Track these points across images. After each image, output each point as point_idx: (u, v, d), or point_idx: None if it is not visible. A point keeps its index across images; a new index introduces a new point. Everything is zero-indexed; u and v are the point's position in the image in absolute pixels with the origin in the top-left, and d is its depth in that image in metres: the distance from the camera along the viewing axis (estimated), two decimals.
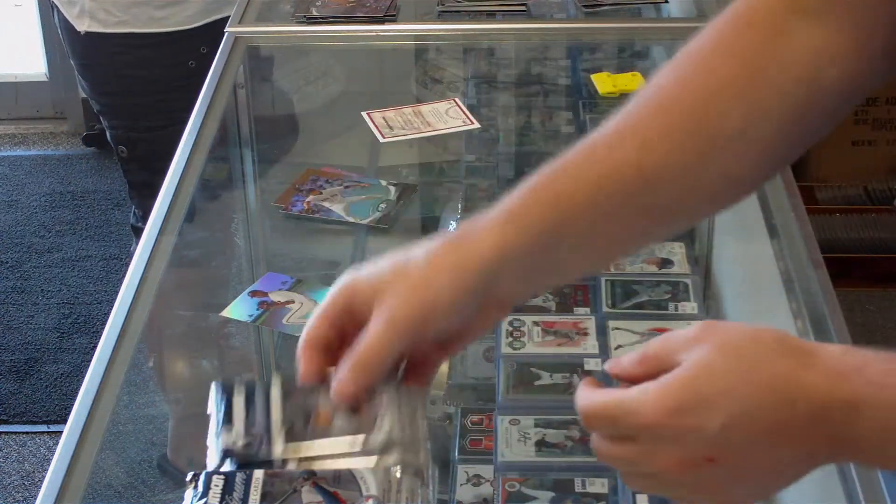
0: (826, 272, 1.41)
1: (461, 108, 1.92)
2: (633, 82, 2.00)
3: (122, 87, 2.37)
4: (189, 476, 0.88)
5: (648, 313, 1.54)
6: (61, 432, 1.24)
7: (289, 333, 1.53)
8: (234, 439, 0.89)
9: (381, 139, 1.86)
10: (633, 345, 1.48)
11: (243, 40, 2.08)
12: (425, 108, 1.93)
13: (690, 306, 1.55)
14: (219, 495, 0.86)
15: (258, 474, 0.87)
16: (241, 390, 0.91)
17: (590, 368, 1.45)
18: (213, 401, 0.91)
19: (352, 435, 0.88)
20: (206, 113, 1.83)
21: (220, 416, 0.90)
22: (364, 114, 1.91)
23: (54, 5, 2.39)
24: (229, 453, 0.89)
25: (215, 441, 0.90)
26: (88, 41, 2.33)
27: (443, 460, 1.43)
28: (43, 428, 3.00)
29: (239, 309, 1.55)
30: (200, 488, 0.86)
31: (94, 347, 1.35)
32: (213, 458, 0.89)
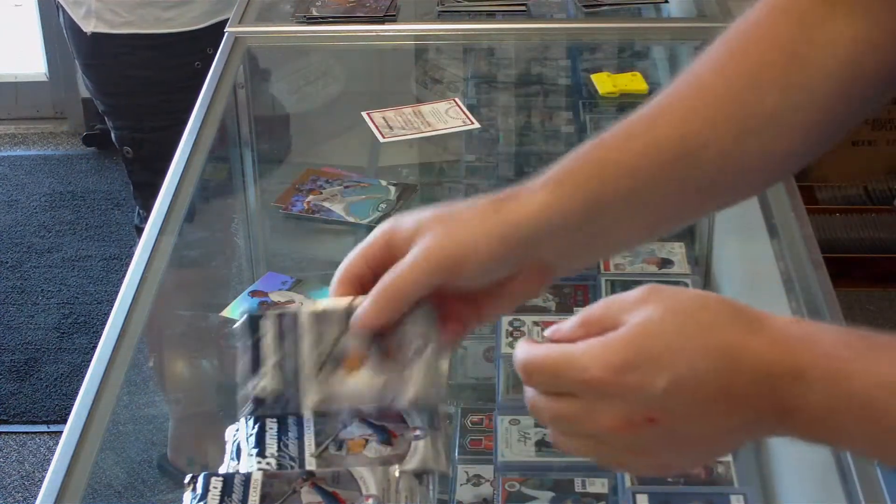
0: (826, 272, 1.41)
1: (461, 108, 1.92)
2: (633, 82, 2.00)
3: (128, 88, 2.37)
4: (187, 478, 0.88)
5: None
6: (61, 432, 1.24)
7: None
8: (265, 385, 0.89)
9: (381, 139, 1.86)
10: None
11: (243, 40, 2.08)
12: (425, 108, 1.93)
13: None
14: (217, 497, 0.86)
15: (257, 475, 0.87)
16: (269, 328, 0.90)
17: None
18: (241, 338, 0.90)
19: (381, 382, 0.87)
20: (206, 113, 1.83)
21: (249, 358, 0.89)
22: (364, 114, 1.91)
23: (60, 6, 2.39)
24: (259, 402, 0.89)
25: (246, 387, 0.89)
26: (94, 42, 2.33)
27: None
28: (43, 428, 3.00)
29: (239, 309, 1.55)
30: (199, 490, 0.86)
31: (94, 347, 1.35)
32: (244, 405, 0.89)
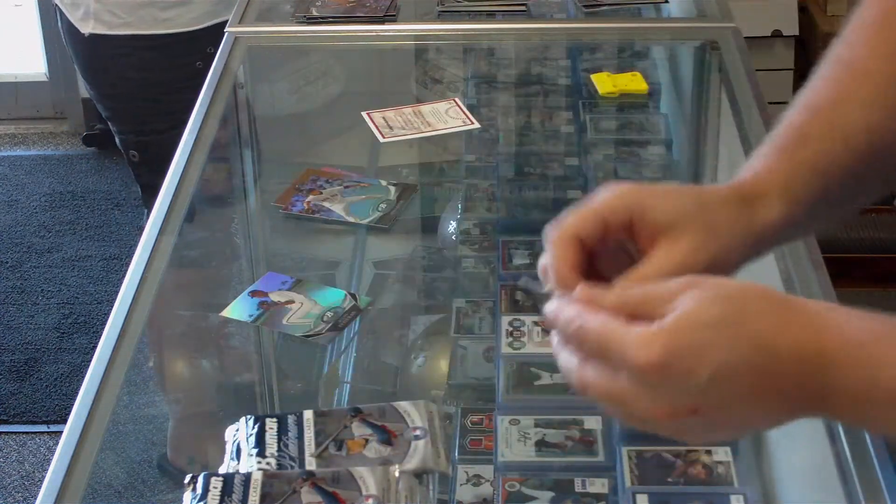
0: (826, 272, 1.41)
1: (461, 108, 1.92)
2: (633, 82, 2.00)
3: (128, 90, 2.36)
4: (187, 478, 0.88)
5: None
6: (61, 432, 1.24)
7: (289, 333, 1.53)
8: (267, 462, 0.89)
9: (381, 139, 1.86)
10: None
11: (243, 40, 2.07)
12: (425, 108, 1.93)
13: None
14: (217, 497, 0.86)
15: (257, 475, 0.87)
16: (272, 421, 0.92)
17: None
18: (244, 431, 0.92)
19: (383, 462, 0.88)
20: (206, 113, 1.83)
21: (252, 442, 0.90)
22: (364, 114, 1.91)
23: (58, 8, 2.38)
24: None
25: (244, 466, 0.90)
26: (93, 43, 2.32)
27: None
28: (43, 428, 3.00)
29: (239, 309, 1.55)
30: (199, 490, 0.86)
31: (94, 347, 1.35)
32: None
